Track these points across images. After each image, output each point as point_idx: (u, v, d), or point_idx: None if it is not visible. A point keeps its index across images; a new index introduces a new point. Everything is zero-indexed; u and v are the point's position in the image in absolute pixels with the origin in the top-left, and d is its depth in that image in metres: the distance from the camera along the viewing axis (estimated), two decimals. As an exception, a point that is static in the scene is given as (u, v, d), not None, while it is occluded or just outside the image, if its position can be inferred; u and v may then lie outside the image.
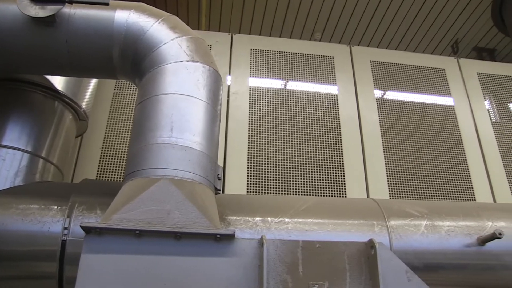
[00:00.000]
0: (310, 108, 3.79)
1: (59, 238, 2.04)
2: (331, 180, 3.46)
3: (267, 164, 3.46)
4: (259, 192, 3.31)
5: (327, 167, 3.52)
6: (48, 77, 2.57)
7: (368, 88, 4.02)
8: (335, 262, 1.78)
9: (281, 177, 3.42)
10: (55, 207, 2.13)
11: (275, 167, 3.45)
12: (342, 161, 3.57)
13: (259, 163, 3.44)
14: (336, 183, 3.46)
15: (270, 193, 3.33)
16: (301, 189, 3.39)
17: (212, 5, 6.39)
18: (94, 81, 3.03)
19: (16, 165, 2.33)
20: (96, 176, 3.28)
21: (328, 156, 3.58)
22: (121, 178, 3.29)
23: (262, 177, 3.39)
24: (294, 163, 3.50)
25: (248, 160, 3.44)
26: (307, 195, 3.37)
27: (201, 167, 1.95)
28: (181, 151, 1.92)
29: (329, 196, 3.38)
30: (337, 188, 3.43)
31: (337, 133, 3.71)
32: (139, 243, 1.70)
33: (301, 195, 3.36)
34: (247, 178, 3.36)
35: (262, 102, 3.74)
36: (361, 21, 6.69)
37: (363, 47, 4.35)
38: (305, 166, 3.49)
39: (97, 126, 3.48)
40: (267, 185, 3.36)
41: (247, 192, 3.30)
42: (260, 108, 3.71)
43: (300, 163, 3.50)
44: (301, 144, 3.60)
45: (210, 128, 2.07)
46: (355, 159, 3.61)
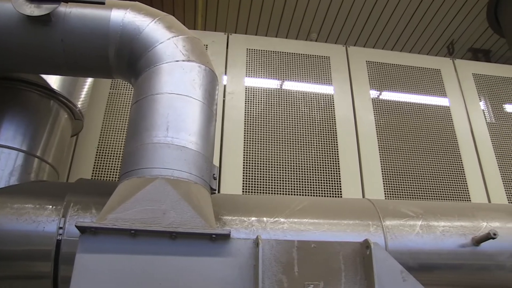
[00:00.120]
0: (306, 108, 3.79)
1: (54, 238, 2.03)
2: (326, 180, 3.47)
3: (263, 164, 3.46)
4: (254, 192, 3.31)
5: (323, 167, 3.52)
6: (44, 76, 2.56)
7: (364, 89, 4.03)
8: (330, 262, 1.78)
9: (276, 177, 3.42)
10: (50, 206, 2.12)
11: (271, 167, 3.46)
12: (338, 161, 3.58)
13: (255, 163, 3.44)
14: (332, 183, 3.46)
15: (265, 193, 3.33)
16: (296, 189, 3.39)
17: (209, 4, 6.39)
18: (89, 80, 3.02)
19: (11, 164, 2.32)
20: (92, 176, 3.27)
21: (324, 156, 3.58)
22: (116, 177, 3.28)
23: (257, 177, 3.39)
24: (290, 163, 3.50)
25: (244, 160, 3.44)
26: (302, 195, 3.37)
27: (196, 167, 1.95)
28: (177, 150, 1.92)
29: (324, 196, 3.39)
30: (332, 188, 3.44)
31: (333, 133, 3.71)
32: (134, 243, 1.69)
33: (296, 195, 3.36)
34: (243, 178, 3.36)
35: (258, 102, 3.74)
36: (357, 22, 6.70)
37: (359, 48, 4.36)
38: (300, 166, 3.50)
39: (92, 126, 3.47)
40: (262, 185, 3.36)
41: (243, 192, 3.30)
42: (256, 108, 3.71)
43: (296, 163, 3.51)
44: (297, 144, 3.60)
45: (206, 128, 2.07)
46: (350, 159, 3.62)
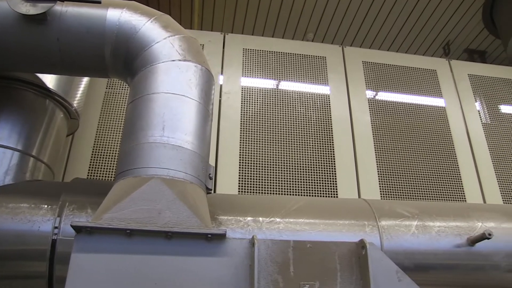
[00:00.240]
0: (302, 108, 3.79)
1: (49, 237, 2.02)
2: (322, 180, 3.47)
3: (259, 164, 3.46)
4: (250, 192, 3.31)
5: (319, 167, 3.52)
6: (39, 75, 2.55)
7: (360, 89, 4.04)
8: (326, 262, 1.78)
9: (272, 177, 3.42)
10: (46, 206, 2.11)
11: (267, 167, 3.46)
12: (334, 161, 3.58)
13: (251, 163, 3.44)
14: (328, 183, 3.46)
15: (261, 193, 3.33)
16: (292, 189, 3.39)
17: (205, 4, 6.39)
18: (85, 79, 3.01)
19: (6, 163, 2.31)
20: (87, 175, 3.26)
21: (320, 156, 3.59)
22: (112, 177, 3.27)
23: (253, 177, 3.39)
24: (286, 163, 3.50)
25: (240, 160, 3.44)
26: (298, 195, 3.37)
27: (192, 167, 1.95)
28: (173, 150, 1.91)
29: (320, 196, 3.39)
30: (328, 188, 3.44)
31: (329, 134, 3.72)
32: (130, 243, 1.69)
33: (292, 195, 3.36)
34: (239, 178, 3.36)
35: (254, 102, 3.74)
36: (353, 22, 6.72)
37: (355, 48, 4.37)
38: (296, 166, 3.50)
39: (88, 125, 3.46)
40: (258, 185, 3.36)
41: (239, 191, 3.30)
42: (252, 108, 3.71)
43: (292, 163, 3.51)
44: (293, 144, 3.60)
45: (202, 128, 2.07)
46: (346, 159, 3.62)
